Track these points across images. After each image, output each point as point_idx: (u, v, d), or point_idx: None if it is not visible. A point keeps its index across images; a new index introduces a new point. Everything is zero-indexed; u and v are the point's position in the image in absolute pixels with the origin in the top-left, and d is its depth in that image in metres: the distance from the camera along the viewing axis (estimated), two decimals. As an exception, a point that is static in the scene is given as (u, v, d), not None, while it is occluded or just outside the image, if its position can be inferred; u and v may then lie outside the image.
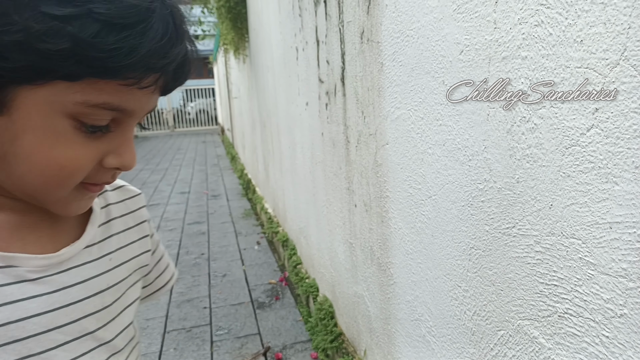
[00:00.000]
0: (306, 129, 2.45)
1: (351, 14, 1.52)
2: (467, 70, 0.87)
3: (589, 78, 0.61)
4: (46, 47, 0.37)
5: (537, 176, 0.74)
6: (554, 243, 0.73)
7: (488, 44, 0.81)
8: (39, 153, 0.42)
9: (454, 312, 1.08)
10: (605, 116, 0.60)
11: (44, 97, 0.41)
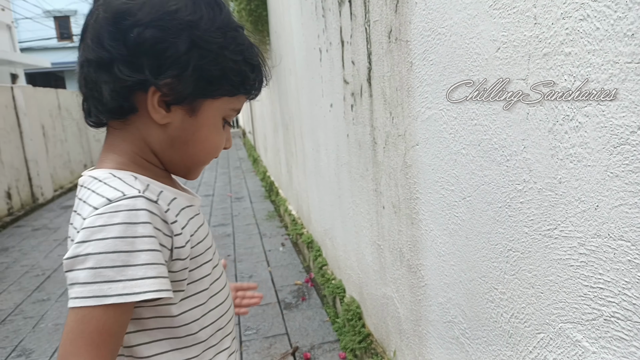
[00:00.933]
0: (330, 130, 2.45)
1: (378, 12, 1.50)
2: (505, 68, 0.85)
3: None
4: (232, 79, 0.67)
5: (581, 176, 0.71)
6: (600, 245, 0.70)
7: (528, 41, 0.78)
8: (208, 139, 0.70)
9: (490, 315, 1.05)
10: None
11: (216, 106, 0.68)
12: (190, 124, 0.67)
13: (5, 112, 6.69)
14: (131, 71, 0.61)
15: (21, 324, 3.14)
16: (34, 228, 5.84)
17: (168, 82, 0.62)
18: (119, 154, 0.68)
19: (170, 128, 0.67)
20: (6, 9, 13.83)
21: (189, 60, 0.62)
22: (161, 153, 0.70)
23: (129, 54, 0.61)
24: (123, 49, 0.61)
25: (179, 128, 0.67)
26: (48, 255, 4.63)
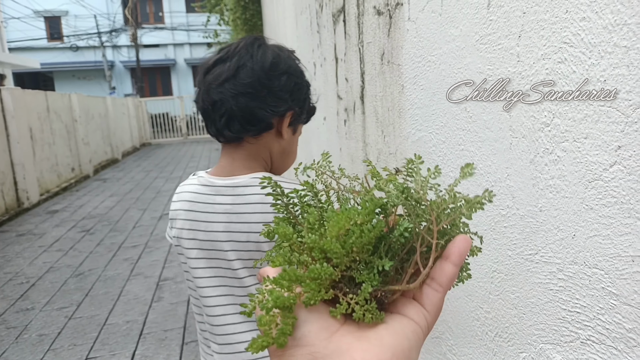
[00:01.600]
0: (323, 142, 2.49)
1: (371, 35, 1.55)
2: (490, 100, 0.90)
3: (611, 116, 0.64)
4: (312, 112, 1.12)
5: (560, 206, 0.76)
6: (577, 272, 0.75)
7: (511, 76, 0.83)
8: (295, 151, 1.04)
9: (476, 333, 1.10)
10: (628, 154, 0.62)
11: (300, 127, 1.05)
12: (292, 140, 1.06)
13: (-7, 114, 6.64)
14: (280, 102, 0.98)
15: (4, 335, 3.11)
16: (19, 233, 5.80)
17: (296, 110, 1.02)
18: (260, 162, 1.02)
19: (284, 142, 1.03)
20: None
21: (305, 97, 1.05)
22: (275, 160, 1.03)
23: (279, 90, 0.96)
24: (276, 87, 0.96)
25: (288, 142, 1.05)
26: (33, 262, 4.60)
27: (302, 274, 0.37)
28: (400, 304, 0.39)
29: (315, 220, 0.40)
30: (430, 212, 0.40)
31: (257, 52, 0.98)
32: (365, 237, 0.37)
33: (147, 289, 3.72)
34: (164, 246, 4.80)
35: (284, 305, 0.35)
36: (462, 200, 0.40)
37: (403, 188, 0.40)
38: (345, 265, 0.38)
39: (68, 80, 24.32)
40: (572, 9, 0.67)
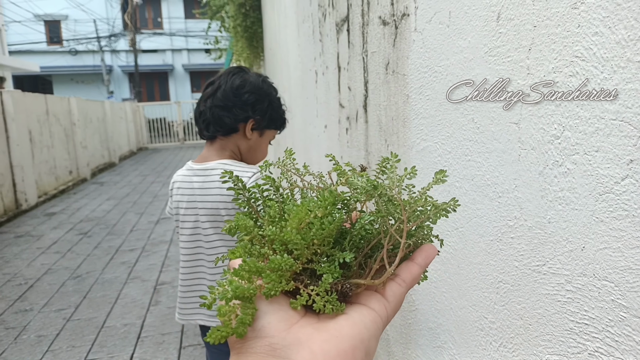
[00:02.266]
0: (324, 150, 2.49)
1: (376, 44, 1.56)
2: (499, 111, 0.91)
3: (623, 130, 0.64)
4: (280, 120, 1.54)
5: (569, 218, 0.76)
6: (586, 284, 0.75)
7: (521, 89, 0.84)
8: (263, 150, 1.49)
9: (480, 342, 1.10)
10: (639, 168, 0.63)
11: (269, 133, 1.49)
12: (259, 141, 1.47)
13: (-8, 116, 6.63)
14: (242, 112, 1.39)
15: (3, 335, 3.09)
16: (17, 235, 5.77)
17: (257, 119, 1.42)
18: (227, 152, 1.43)
19: (250, 142, 1.46)
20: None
21: (266, 109, 1.43)
22: (244, 154, 1.47)
23: (241, 104, 1.38)
24: (239, 102, 1.38)
25: (254, 142, 1.47)
26: (31, 263, 4.57)
27: (262, 265, 0.37)
28: (363, 296, 0.40)
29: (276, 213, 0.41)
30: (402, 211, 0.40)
31: (230, 78, 1.43)
32: (326, 229, 0.38)
33: (144, 293, 3.71)
34: (161, 250, 4.78)
35: (243, 295, 0.35)
36: (431, 204, 0.41)
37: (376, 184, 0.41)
38: (306, 258, 0.38)
39: (67, 83, 24.30)
40: (584, 23, 0.68)
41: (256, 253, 0.39)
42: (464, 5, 1.00)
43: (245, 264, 0.36)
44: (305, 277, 0.39)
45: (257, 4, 4.85)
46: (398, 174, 0.42)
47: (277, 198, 0.44)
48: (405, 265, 0.41)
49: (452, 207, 0.41)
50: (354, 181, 0.42)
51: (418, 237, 0.42)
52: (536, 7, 0.78)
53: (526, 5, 0.81)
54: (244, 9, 4.80)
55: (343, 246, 0.40)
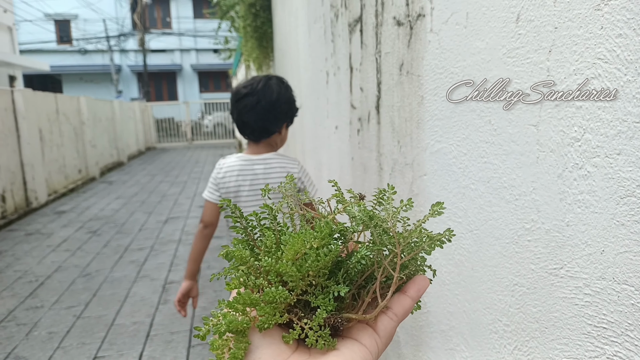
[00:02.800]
0: (334, 151, 2.49)
1: (390, 45, 1.56)
2: (517, 113, 0.91)
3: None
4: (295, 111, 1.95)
5: (588, 221, 0.76)
6: (605, 287, 0.75)
7: (542, 90, 0.84)
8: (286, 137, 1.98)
9: (493, 345, 1.09)
10: (664, 171, 0.62)
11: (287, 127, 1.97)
12: (286, 133, 1.87)
13: (4, 115, 6.69)
14: (281, 122, 1.80)
15: (14, 331, 3.12)
16: (27, 233, 5.82)
17: (288, 122, 1.85)
18: (272, 147, 1.85)
19: (282, 135, 1.86)
20: (8, 11, 13.86)
21: (293, 112, 1.82)
22: (278, 146, 1.89)
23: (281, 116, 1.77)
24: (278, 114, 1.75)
25: (284, 135, 1.86)
26: (41, 261, 4.61)
27: (257, 297, 0.37)
28: (354, 329, 0.40)
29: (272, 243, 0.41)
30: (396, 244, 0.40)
31: (267, 92, 1.75)
32: (321, 261, 0.37)
33: (153, 291, 3.73)
34: (169, 249, 4.80)
35: (237, 329, 0.36)
36: (426, 236, 0.41)
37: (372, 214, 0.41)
38: (301, 290, 0.38)
39: (76, 83, 24.49)
40: (607, 25, 0.68)
41: (251, 284, 0.39)
42: (482, 6, 1.00)
43: (239, 297, 0.37)
44: (300, 308, 0.40)
45: (267, 4, 4.86)
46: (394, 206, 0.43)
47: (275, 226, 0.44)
48: (398, 298, 0.41)
49: (447, 237, 0.41)
50: (352, 210, 0.42)
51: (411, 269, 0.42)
52: (557, 8, 0.78)
53: (547, 7, 0.80)
54: (254, 9, 4.81)
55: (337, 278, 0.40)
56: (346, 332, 0.40)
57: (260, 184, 1.80)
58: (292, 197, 0.48)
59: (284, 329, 0.39)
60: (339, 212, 0.45)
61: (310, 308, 0.40)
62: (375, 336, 0.40)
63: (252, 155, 1.83)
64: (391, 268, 0.41)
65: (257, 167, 1.81)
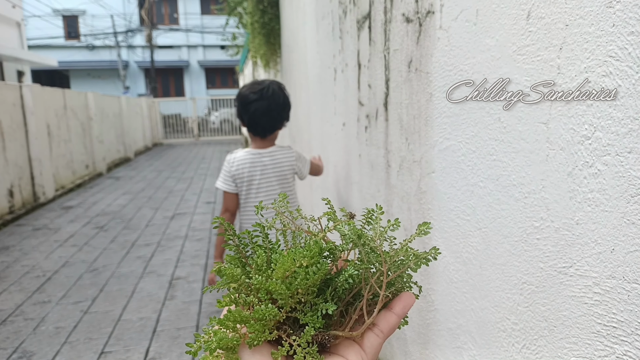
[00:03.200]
0: (341, 148, 2.49)
1: (398, 42, 1.56)
2: (527, 111, 0.90)
3: (658, 131, 0.63)
4: None
5: (598, 220, 0.76)
6: (615, 286, 0.74)
7: (552, 88, 0.83)
8: None
9: (502, 344, 1.09)
10: (676, 170, 0.62)
11: None
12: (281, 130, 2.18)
13: (12, 110, 6.74)
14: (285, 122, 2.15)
15: (22, 326, 3.15)
16: (35, 227, 5.87)
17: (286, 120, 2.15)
18: (274, 140, 2.16)
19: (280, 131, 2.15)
20: (17, 6, 13.94)
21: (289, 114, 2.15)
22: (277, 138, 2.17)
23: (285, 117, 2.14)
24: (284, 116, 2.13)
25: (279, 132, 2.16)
26: (49, 256, 4.65)
27: (247, 314, 0.38)
28: (341, 346, 0.41)
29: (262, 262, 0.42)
30: (383, 262, 0.41)
31: (276, 98, 2.06)
32: (310, 279, 0.39)
33: (159, 287, 3.75)
34: (176, 245, 4.83)
35: (227, 346, 0.37)
36: (412, 254, 0.42)
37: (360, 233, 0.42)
38: (290, 307, 0.39)
39: (83, 78, 24.60)
40: (619, 22, 0.67)
41: (242, 301, 0.41)
42: (492, 3, 1.00)
43: (230, 314, 0.38)
44: (289, 325, 0.41)
45: (275, 0, 4.86)
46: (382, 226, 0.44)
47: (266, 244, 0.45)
48: (384, 315, 0.42)
49: (432, 255, 0.42)
50: (342, 229, 0.43)
51: (397, 287, 0.43)
52: (568, 5, 0.78)
53: (558, 4, 0.80)
54: (262, 5, 4.81)
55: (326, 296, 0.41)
56: (333, 349, 0.41)
57: (269, 173, 2.15)
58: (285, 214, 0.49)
59: (274, 345, 0.40)
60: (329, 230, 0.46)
61: (299, 325, 0.41)
62: (362, 352, 0.41)
63: (259, 149, 2.16)
64: (378, 286, 0.42)
65: (265, 159, 2.15)
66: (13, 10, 13.63)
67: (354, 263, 0.43)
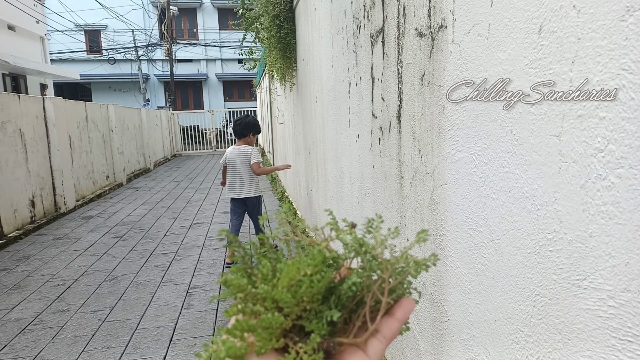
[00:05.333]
0: (355, 160, 2.51)
1: (411, 56, 1.57)
2: (539, 124, 0.91)
3: (670, 144, 0.63)
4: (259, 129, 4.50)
5: (612, 233, 0.75)
6: (630, 300, 0.74)
7: (565, 99, 0.84)
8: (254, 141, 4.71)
9: (515, 356, 1.08)
10: (688, 182, 0.62)
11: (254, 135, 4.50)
12: (252, 138, 4.36)
13: (35, 122, 6.92)
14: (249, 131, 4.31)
15: (41, 334, 3.20)
16: (56, 237, 5.98)
17: (253, 132, 4.33)
18: (245, 143, 4.32)
19: (249, 139, 4.33)
20: (41, 22, 14.38)
21: (253, 128, 4.33)
22: (249, 143, 4.36)
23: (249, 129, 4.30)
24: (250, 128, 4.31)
25: (251, 139, 4.34)
26: (68, 265, 4.73)
27: (254, 323, 0.39)
28: (346, 352, 0.42)
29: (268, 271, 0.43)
30: (384, 269, 0.42)
31: (248, 120, 4.31)
32: (315, 287, 0.40)
33: (177, 296, 3.78)
34: (193, 255, 4.87)
35: (235, 355, 0.38)
36: (412, 261, 0.43)
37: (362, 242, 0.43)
38: (296, 315, 0.41)
39: (105, 91, 25.16)
40: (632, 36, 0.68)
41: (249, 311, 0.42)
42: (504, 17, 1.01)
43: (238, 323, 0.39)
44: (295, 333, 0.42)
45: (291, 15, 4.93)
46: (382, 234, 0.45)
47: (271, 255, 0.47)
48: (386, 321, 0.44)
49: (432, 262, 0.43)
50: (344, 238, 0.45)
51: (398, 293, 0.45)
52: (581, 19, 0.78)
53: (570, 18, 0.81)
54: (278, 20, 4.88)
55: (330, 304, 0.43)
56: (338, 356, 0.42)
57: (236, 157, 4.28)
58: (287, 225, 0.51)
59: (280, 353, 0.41)
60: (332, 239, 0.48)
61: (305, 333, 0.42)
62: (366, 358, 0.42)
63: (236, 146, 4.32)
64: (380, 293, 0.43)
65: (236, 151, 4.29)
66: (37, 25, 14.06)
67: (356, 271, 0.44)
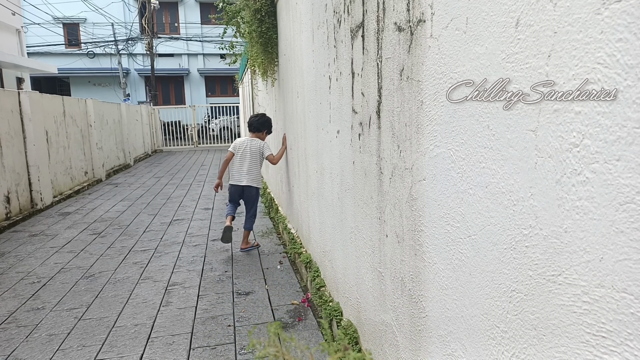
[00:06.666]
0: (336, 155, 2.49)
1: (390, 50, 1.56)
2: (515, 119, 0.90)
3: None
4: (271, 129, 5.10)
5: (587, 228, 0.75)
6: (604, 295, 0.74)
7: (542, 94, 0.83)
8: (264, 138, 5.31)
9: (491, 352, 1.08)
10: (662, 177, 0.61)
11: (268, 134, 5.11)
12: (263, 136, 4.86)
13: (10, 116, 6.74)
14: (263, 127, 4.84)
15: (14, 333, 3.11)
16: (31, 234, 5.84)
17: (267, 130, 4.90)
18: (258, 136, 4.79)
19: (263, 135, 4.84)
20: (17, 14, 13.99)
21: (268, 128, 4.88)
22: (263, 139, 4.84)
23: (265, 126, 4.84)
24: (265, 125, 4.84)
25: (264, 136, 4.86)
26: (44, 262, 4.62)
27: None
28: None
29: None
30: None
31: (266, 118, 4.84)
32: None
33: (155, 293, 3.72)
34: (173, 251, 4.80)
35: None
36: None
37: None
38: None
39: (84, 85, 24.65)
40: (607, 29, 0.67)
41: None
42: (481, 11, 1.00)
43: None
44: None
45: (272, 10, 4.88)
46: None
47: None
48: None
49: None
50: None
51: None
52: (557, 13, 0.77)
53: (546, 12, 0.80)
54: (259, 14, 4.82)
55: None
56: None
57: (248, 146, 4.62)
58: None
59: None
60: None
61: None
62: None
63: (250, 137, 4.67)
64: None
65: (248, 142, 4.66)
66: (13, 17, 13.68)
67: None
